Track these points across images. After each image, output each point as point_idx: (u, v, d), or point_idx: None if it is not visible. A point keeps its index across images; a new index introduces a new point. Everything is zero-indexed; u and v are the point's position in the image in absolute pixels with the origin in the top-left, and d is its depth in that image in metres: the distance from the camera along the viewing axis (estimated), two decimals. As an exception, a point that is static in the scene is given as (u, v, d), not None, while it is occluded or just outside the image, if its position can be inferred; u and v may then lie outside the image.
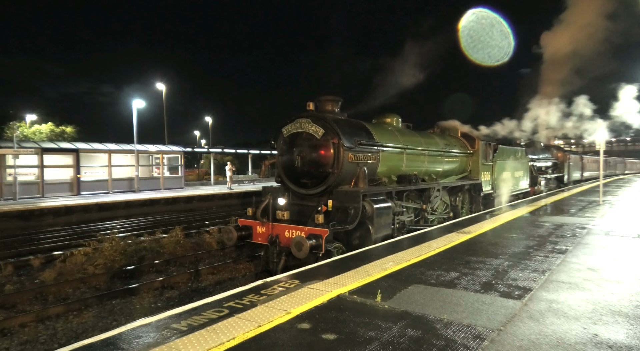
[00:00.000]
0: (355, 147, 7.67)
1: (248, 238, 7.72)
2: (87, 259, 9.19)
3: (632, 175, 44.82)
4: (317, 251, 6.47)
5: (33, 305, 7.03)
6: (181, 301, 6.99)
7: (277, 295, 4.22)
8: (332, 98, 8.21)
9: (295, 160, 7.71)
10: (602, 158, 14.55)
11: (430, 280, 4.82)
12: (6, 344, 5.62)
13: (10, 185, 17.82)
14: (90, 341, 3.16)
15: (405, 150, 9.30)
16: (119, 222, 15.55)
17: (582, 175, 28.12)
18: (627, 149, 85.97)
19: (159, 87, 33.10)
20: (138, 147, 22.69)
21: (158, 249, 10.29)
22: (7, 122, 31.03)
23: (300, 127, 7.73)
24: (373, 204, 7.37)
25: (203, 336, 3.21)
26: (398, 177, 9.17)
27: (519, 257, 6.00)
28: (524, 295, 4.28)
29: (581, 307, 3.93)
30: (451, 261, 5.72)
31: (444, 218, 10.89)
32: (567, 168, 23.56)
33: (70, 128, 38.07)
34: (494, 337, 3.25)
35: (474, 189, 12.59)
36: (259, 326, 3.40)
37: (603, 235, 7.79)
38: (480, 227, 8.56)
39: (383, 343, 3.13)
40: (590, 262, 5.73)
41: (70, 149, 20.39)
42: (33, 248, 10.85)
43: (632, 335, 3.30)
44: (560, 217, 10.41)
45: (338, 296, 4.21)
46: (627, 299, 4.17)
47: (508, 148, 14.84)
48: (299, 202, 7.96)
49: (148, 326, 3.46)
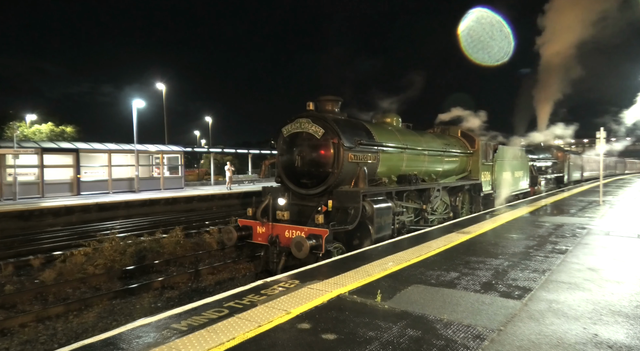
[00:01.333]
0: (355, 147, 7.67)
1: (248, 238, 7.72)
2: (87, 259, 9.19)
3: (632, 175, 44.81)
4: (317, 251, 6.46)
5: (33, 305, 7.03)
6: (181, 302, 7.00)
7: (277, 295, 4.22)
8: (332, 98, 8.21)
9: (295, 160, 7.71)
10: (602, 158, 14.55)
11: (430, 280, 4.82)
12: (6, 344, 5.62)
13: (10, 185, 17.82)
14: (90, 341, 3.15)
15: (405, 150, 9.30)
16: (119, 222, 15.55)
17: (582, 175, 28.12)
18: (627, 149, 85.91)
19: (159, 87, 33.12)
20: (138, 147, 22.69)
21: (158, 249, 10.29)
22: (7, 122, 31.04)
23: (300, 127, 7.73)
24: (373, 204, 7.37)
25: (203, 336, 3.21)
26: (398, 177, 9.17)
27: (519, 256, 6.00)
28: (524, 295, 4.28)
29: (581, 307, 3.93)
30: (451, 261, 5.72)
31: (444, 218, 10.89)
32: (567, 168, 23.56)
33: (70, 128, 38.09)
34: (494, 337, 3.25)
35: (474, 189, 12.59)
36: (259, 326, 3.40)
37: (603, 235, 7.79)
38: (480, 227, 8.55)
39: (383, 343, 3.13)
40: (590, 261, 5.73)
41: (70, 149, 20.39)
42: (33, 248, 10.85)
43: (632, 335, 3.30)
44: (560, 217, 10.41)
45: (338, 296, 4.21)
46: (627, 299, 4.17)
47: (508, 148, 14.84)
48: (299, 202, 7.96)
49: (148, 326, 3.46)
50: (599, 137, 13.26)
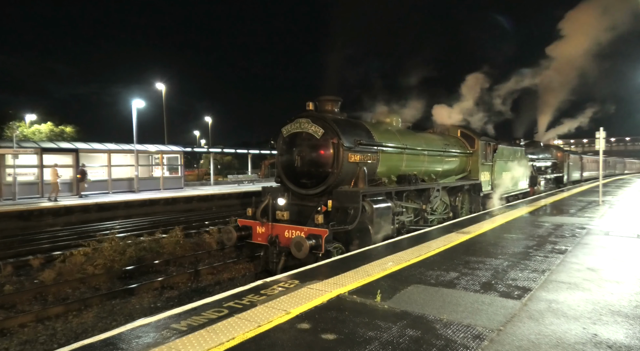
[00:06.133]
0: (355, 147, 7.67)
1: (248, 238, 7.72)
2: (87, 259, 9.18)
3: (631, 175, 44.84)
4: (317, 251, 6.46)
5: (33, 305, 7.03)
6: (181, 302, 6.99)
7: (276, 295, 4.22)
8: (332, 98, 8.21)
9: (295, 160, 7.71)
10: (602, 158, 14.56)
11: (430, 280, 4.83)
12: (6, 344, 5.61)
13: (9, 185, 17.81)
14: (90, 341, 3.15)
15: (404, 150, 9.30)
16: (119, 222, 15.54)
17: (581, 175, 28.13)
18: (627, 149, 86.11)
19: (159, 87, 33.10)
20: (138, 147, 22.67)
21: (158, 249, 10.29)
22: (6, 122, 31.03)
23: (300, 127, 7.73)
24: (373, 204, 7.37)
25: (203, 337, 3.21)
26: (398, 177, 9.17)
27: (519, 256, 6.00)
28: (524, 295, 4.28)
29: (581, 307, 3.93)
30: (451, 261, 5.72)
31: (444, 218, 10.89)
32: (566, 168, 23.57)
33: (70, 128, 38.06)
34: (493, 337, 3.25)
35: (473, 189, 12.59)
36: (259, 326, 3.40)
37: (602, 235, 7.79)
38: (479, 227, 8.56)
39: (383, 343, 3.13)
40: (590, 261, 5.73)
41: (70, 149, 20.37)
42: (33, 248, 10.85)
43: (632, 335, 3.30)
44: (560, 217, 10.41)
45: (338, 296, 4.21)
46: (626, 299, 4.17)
47: (508, 148, 14.84)
48: (298, 202, 7.96)
49: (148, 326, 3.46)
50: (598, 136, 13.27)
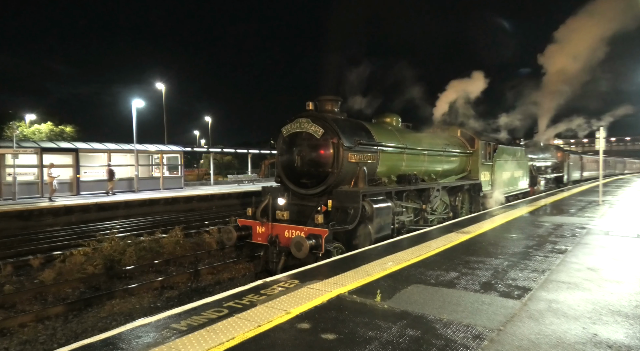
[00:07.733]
0: (355, 147, 7.67)
1: (248, 238, 7.72)
2: (87, 259, 9.18)
3: (631, 175, 44.83)
4: (317, 251, 6.46)
5: (32, 305, 7.02)
6: (181, 301, 6.99)
7: (276, 295, 4.22)
8: (332, 98, 8.20)
9: (295, 160, 7.71)
10: (602, 158, 14.55)
11: (430, 279, 4.82)
12: (6, 344, 5.61)
13: (9, 185, 17.81)
14: (89, 341, 3.15)
15: (404, 150, 9.30)
16: (119, 222, 15.54)
17: (581, 175, 28.13)
18: (627, 149, 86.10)
19: (159, 87, 33.10)
20: (137, 147, 22.67)
21: (158, 249, 10.28)
22: (6, 122, 31.00)
23: (299, 127, 7.73)
24: (373, 204, 7.37)
25: (203, 336, 3.21)
26: (398, 176, 9.17)
27: (519, 256, 6.00)
28: (524, 294, 4.28)
29: (581, 307, 3.93)
30: (451, 261, 5.72)
31: (444, 218, 10.89)
32: (566, 168, 23.56)
33: (70, 128, 38.07)
34: (493, 337, 3.25)
35: (473, 189, 12.59)
36: (259, 326, 3.40)
37: (603, 235, 7.79)
38: (479, 227, 8.56)
39: (383, 343, 3.13)
40: (590, 261, 5.73)
41: (70, 149, 20.37)
42: (32, 248, 10.85)
43: (632, 335, 3.30)
44: (560, 216, 10.41)
45: (338, 296, 4.21)
46: (626, 299, 4.17)
47: (508, 148, 14.83)
48: (298, 202, 7.96)
49: (147, 326, 3.45)
50: (598, 136, 13.26)
